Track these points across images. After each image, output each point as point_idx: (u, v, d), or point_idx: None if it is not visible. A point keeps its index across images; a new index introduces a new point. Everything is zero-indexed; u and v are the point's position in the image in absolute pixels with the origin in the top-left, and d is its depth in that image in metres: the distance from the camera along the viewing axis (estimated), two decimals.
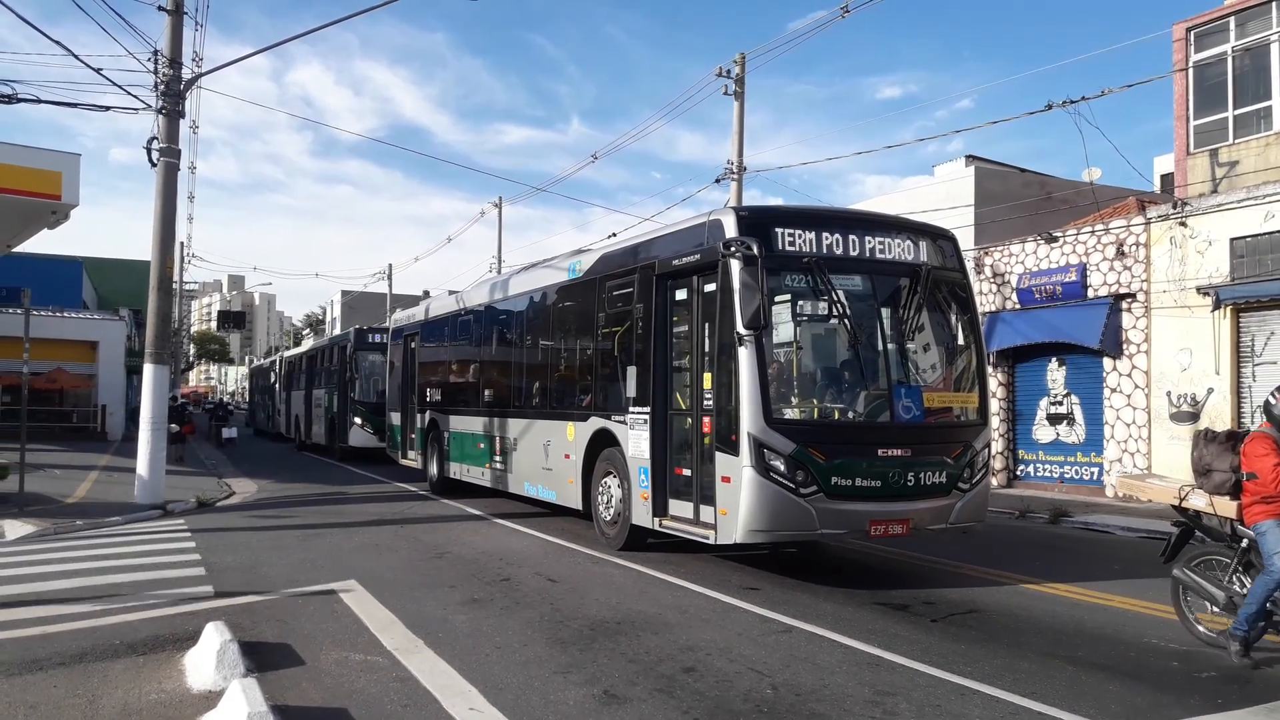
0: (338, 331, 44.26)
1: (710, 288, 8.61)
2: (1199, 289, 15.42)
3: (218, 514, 13.72)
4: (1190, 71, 17.15)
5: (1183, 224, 15.78)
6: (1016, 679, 5.55)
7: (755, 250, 7.82)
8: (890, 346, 8.61)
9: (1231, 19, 16.68)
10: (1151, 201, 18.87)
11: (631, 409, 9.69)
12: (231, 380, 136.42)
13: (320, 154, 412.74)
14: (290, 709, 4.76)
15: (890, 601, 7.74)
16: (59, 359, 28.41)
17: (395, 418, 19.07)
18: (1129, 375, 16.68)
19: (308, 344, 36.25)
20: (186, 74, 14.81)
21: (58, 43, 12.98)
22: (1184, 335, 15.79)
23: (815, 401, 8.75)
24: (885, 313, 8.74)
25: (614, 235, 12.96)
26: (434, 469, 16.48)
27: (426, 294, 58.90)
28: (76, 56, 13.19)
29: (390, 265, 49.67)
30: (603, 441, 10.43)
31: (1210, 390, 15.40)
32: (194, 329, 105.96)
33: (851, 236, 8.55)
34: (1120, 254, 16.79)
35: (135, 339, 34.76)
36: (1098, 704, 5.13)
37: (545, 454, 12.04)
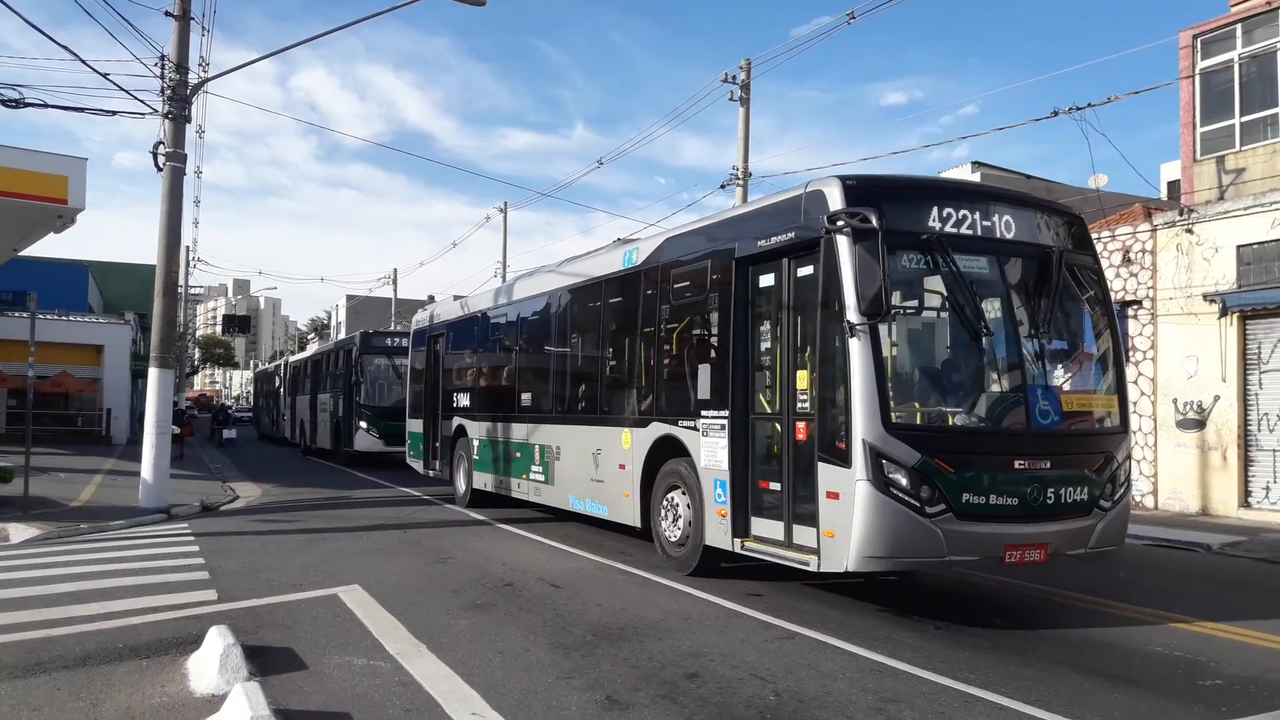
0: (343, 336, 44.32)
1: (806, 271, 7.54)
2: (1205, 296, 15.39)
3: (222, 518, 13.74)
4: (1197, 78, 17.12)
5: (1189, 231, 15.75)
6: (1021, 686, 5.53)
7: (874, 222, 6.75)
8: (1023, 341, 7.44)
9: (1238, 26, 16.66)
10: (1158, 208, 18.83)
11: (704, 413, 8.64)
12: (236, 384, 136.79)
13: (325, 159, 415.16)
14: (293, 713, 4.75)
15: (894, 608, 7.71)
16: (64, 363, 28.53)
17: (416, 425, 17.59)
18: (1135, 382, 16.63)
19: (313, 348, 36.22)
20: (193, 79, 14.86)
21: (64, 47, 13.07)
22: (1190, 342, 15.75)
23: (939, 404, 7.58)
24: (1015, 301, 7.55)
25: (619, 240, 12.78)
26: (461, 480, 15.19)
27: (431, 299, 58.93)
28: (84, 61, 13.25)
29: (395, 270, 49.89)
30: (666, 451, 9.36)
31: (1217, 398, 15.36)
32: (199, 333, 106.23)
33: (976, 212, 7.38)
34: (1126, 261, 16.76)
35: (140, 343, 34.85)
36: (1102, 712, 5.10)
37: (595, 464, 10.84)
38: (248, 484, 19.17)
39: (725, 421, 8.30)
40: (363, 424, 23.94)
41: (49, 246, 22.98)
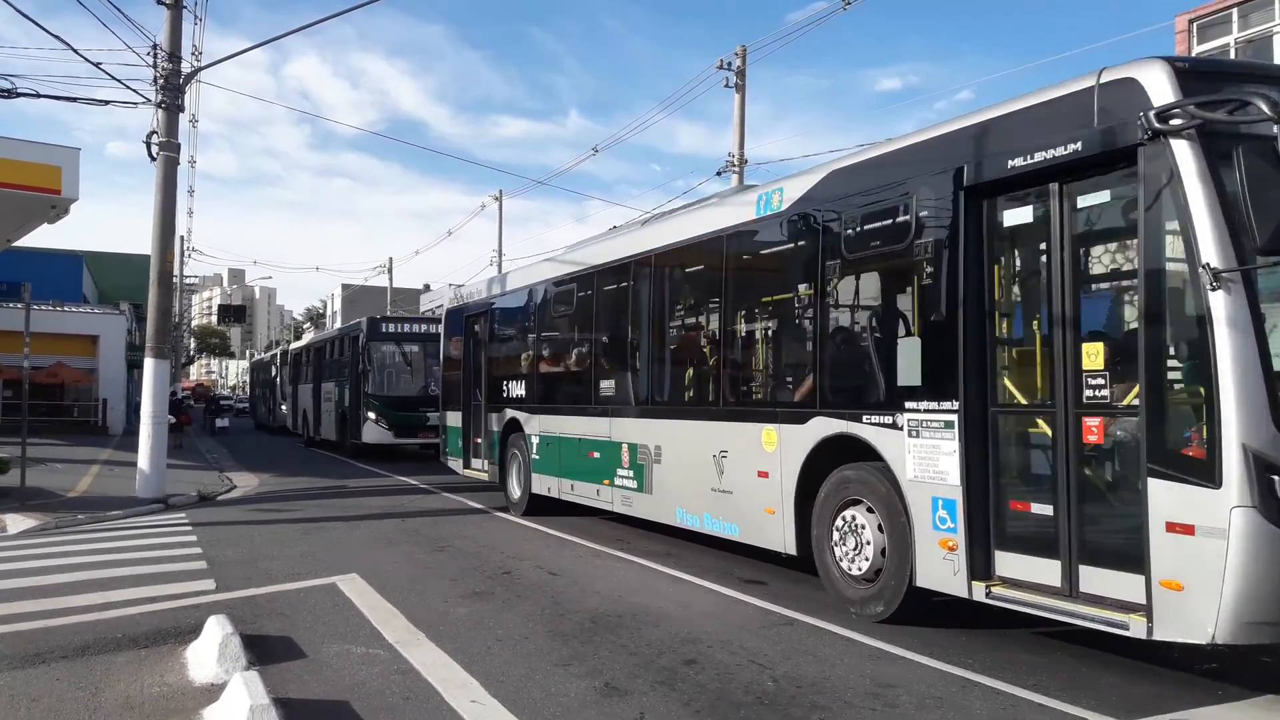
0: (339, 325, 44.20)
1: (1098, 198, 5.56)
2: None
3: (219, 508, 13.74)
4: None
5: None
6: (1018, 671, 5.56)
7: (1265, 108, 4.58)
8: None
9: (1234, 11, 16.65)
10: None
11: (912, 404, 6.39)
12: (232, 374, 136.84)
13: (318, 147, 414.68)
14: (292, 702, 4.76)
15: None
16: (60, 353, 28.48)
17: (454, 418, 15.40)
18: None
19: (309, 336, 36.12)
20: (186, 68, 14.79)
21: (56, 36, 12.97)
22: None
23: None
24: None
25: (615, 227, 12.66)
26: (515, 484, 12.98)
27: (427, 287, 58.99)
28: (75, 50, 13.17)
29: (390, 259, 49.75)
30: (836, 454, 7.14)
31: None
32: (194, 323, 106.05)
33: None
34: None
35: (136, 333, 34.84)
36: (1098, 695, 5.13)
37: (717, 470, 8.50)
38: (245, 474, 19.17)
39: (953, 416, 6.06)
40: (371, 415, 22.62)
41: (43, 237, 22.97)
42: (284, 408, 35.64)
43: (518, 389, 13.08)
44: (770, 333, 8.46)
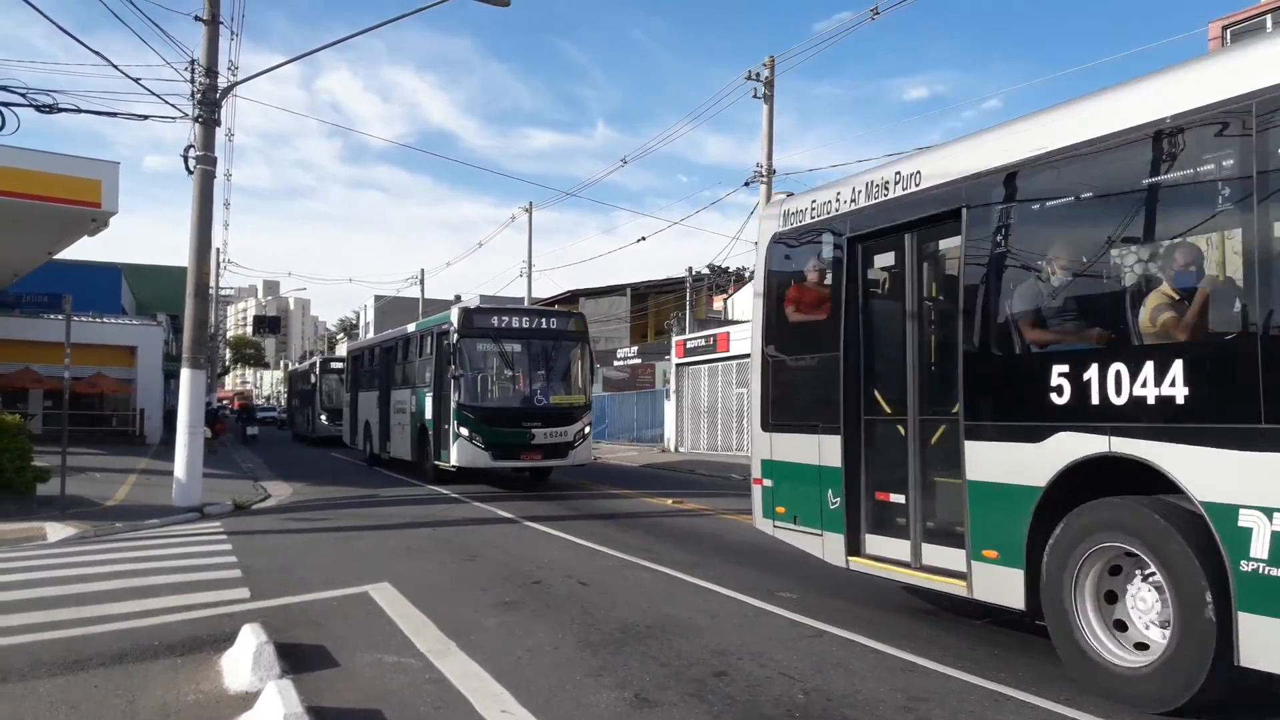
0: (371, 335, 44.38)
1: None
2: None
3: (254, 516, 13.89)
4: None
5: None
6: (1051, 685, 5.49)
7: None
8: None
9: (1268, 17, 16.41)
10: None
11: None
12: (267, 384, 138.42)
13: (350, 160, 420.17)
14: (325, 710, 4.81)
15: (923, 605, 7.67)
16: (99, 364, 28.99)
17: (793, 448, 7.98)
18: None
19: (340, 348, 36.33)
20: (222, 82, 15.04)
21: (97, 52, 13.36)
22: None
23: None
24: None
25: (643, 239, 12.60)
26: (1144, 640, 5.24)
27: (458, 298, 59.34)
28: (115, 66, 13.43)
29: (422, 270, 50.36)
30: None
31: None
32: (230, 334, 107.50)
33: None
34: None
35: (173, 344, 35.37)
36: (1134, 711, 5.06)
37: None
38: (279, 483, 19.35)
39: None
40: (464, 431, 17.51)
41: (83, 249, 23.35)
42: (323, 418, 35.53)
43: (1170, 385, 4.90)
44: None
